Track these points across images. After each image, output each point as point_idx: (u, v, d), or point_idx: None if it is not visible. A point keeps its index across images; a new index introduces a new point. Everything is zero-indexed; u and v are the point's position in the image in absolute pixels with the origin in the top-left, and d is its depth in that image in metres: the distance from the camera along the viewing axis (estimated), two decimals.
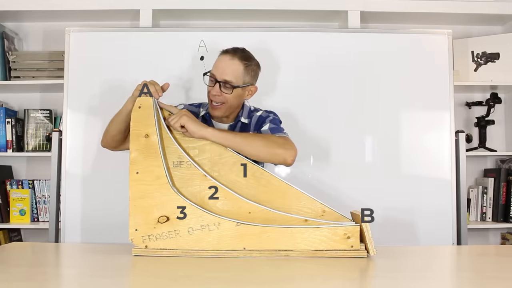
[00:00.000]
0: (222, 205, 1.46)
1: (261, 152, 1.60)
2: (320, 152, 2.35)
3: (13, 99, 2.79)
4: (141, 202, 1.42)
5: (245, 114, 1.83)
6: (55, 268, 1.36)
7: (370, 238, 1.37)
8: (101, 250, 1.54)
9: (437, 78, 2.39)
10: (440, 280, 1.20)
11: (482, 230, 2.85)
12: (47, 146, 2.65)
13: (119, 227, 1.62)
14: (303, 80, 2.37)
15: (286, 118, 1.89)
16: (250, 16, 2.68)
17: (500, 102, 2.75)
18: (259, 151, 1.60)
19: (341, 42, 2.40)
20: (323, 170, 2.34)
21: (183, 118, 1.51)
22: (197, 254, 1.39)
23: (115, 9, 2.58)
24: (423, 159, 2.36)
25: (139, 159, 1.44)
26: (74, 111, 2.33)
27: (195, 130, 1.52)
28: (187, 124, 1.51)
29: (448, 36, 2.41)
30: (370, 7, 2.60)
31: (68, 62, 2.34)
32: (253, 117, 1.83)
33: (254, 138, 1.62)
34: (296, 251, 1.39)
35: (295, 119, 2.32)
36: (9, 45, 2.67)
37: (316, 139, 2.34)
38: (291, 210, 1.53)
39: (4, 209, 2.61)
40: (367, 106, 2.37)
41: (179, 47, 2.36)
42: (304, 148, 2.33)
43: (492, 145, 2.79)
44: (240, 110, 1.83)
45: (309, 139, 2.34)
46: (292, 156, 1.63)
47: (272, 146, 1.62)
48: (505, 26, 2.87)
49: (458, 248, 1.92)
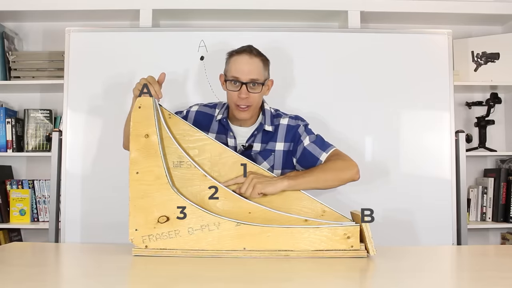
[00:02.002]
0: (222, 205, 1.46)
1: (333, 185, 1.68)
2: None
3: (13, 99, 2.79)
4: (141, 202, 1.42)
5: (268, 120, 1.79)
6: (55, 268, 1.36)
7: (370, 238, 1.37)
8: (101, 250, 1.54)
9: (437, 78, 2.39)
10: (440, 280, 1.20)
11: (482, 230, 2.85)
12: (47, 146, 2.65)
13: (119, 227, 1.62)
14: (301, 80, 2.37)
15: None
16: (250, 16, 2.68)
17: (500, 102, 2.75)
18: (331, 184, 1.67)
19: (341, 42, 2.40)
20: None
21: (258, 187, 1.51)
22: (197, 254, 1.39)
23: (115, 9, 2.58)
24: (423, 159, 2.36)
25: (139, 159, 1.44)
26: (74, 111, 2.33)
27: (273, 190, 1.53)
28: (264, 190, 1.51)
29: (448, 36, 2.41)
30: (370, 7, 2.60)
31: (68, 62, 2.34)
32: (279, 125, 1.80)
33: (322, 174, 1.64)
34: (296, 251, 1.38)
35: None
36: (9, 45, 2.67)
37: None
38: (291, 210, 1.53)
39: (4, 209, 2.61)
40: (367, 106, 2.37)
41: (179, 47, 2.36)
42: None
43: (492, 145, 2.80)
44: (262, 116, 1.80)
45: None
46: (357, 174, 1.70)
47: (339, 175, 1.67)
48: (505, 26, 2.87)
49: (458, 248, 1.92)
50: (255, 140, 1.78)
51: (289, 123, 1.80)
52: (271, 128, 1.78)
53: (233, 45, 1.79)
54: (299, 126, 1.80)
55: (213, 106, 1.86)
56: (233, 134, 1.78)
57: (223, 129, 1.80)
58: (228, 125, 1.79)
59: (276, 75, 1.86)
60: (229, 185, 1.53)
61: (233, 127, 1.80)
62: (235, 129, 1.79)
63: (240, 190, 1.52)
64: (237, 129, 1.80)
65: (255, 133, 1.78)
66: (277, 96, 2.34)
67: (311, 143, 1.75)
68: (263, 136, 1.78)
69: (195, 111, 1.85)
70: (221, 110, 1.82)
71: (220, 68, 1.81)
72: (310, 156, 1.73)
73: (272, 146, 1.78)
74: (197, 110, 1.85)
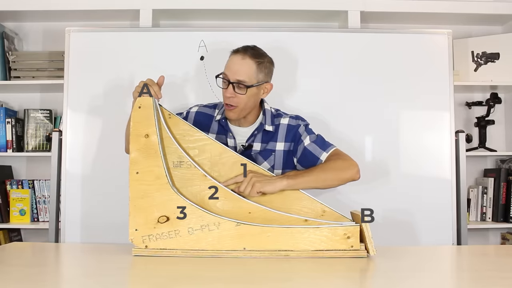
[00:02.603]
0: (222, 205, 1.46)
1: (333, 185, 1.68)
2: None
3: (13, 99, 2.79)
4: (141, 202, 1.42)
5: (268, 120, 1.78)
6: (55, 268, 1.36)
7: (370, 238, 1.37)
8: (101, 250, 1.54)
9: (437, 78, 2.38)
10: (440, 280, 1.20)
11: (482, 230, 2.84)
12: (47, 146, 2.65)
13: (119, 227, 1.62)
14: (301, 80, 2.37)
15: None
16: (250, 16, 2.68)
17: (500, 102, 2.75)
18: (331, 184, 1.67)
19: (341, 42, 2.40)
20: None
21: (257, 185, 1.51)
22: (197, 254, 1.39)
23: (115, 9, 2.58)
24: (423, 159, 2.36)
25: (139, 159, 1.44)
26: (74, 111, 2.33)
27: (272, 189, 1.53)
28: (263, 189, 1.52)
29: (448, 36, 2.41)
30: (370, 7, 2.60)
31: (68, 62, 2.34)
32: (279, 125, 1.79)
33: (321, 174, 1.64)
34: (296, 251, 1.38)
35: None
36: (9, 45, 2.67)
37: None
38: (291, 210, 1.53)
39: (4, 209, 2.61)
40: (367, 105, 2.37)
41: (179, 47, 2.36)
42: None
43: (492, 145, 2.79)
44: (263, 116, 1.79)
45: None
46: (358, 173, 1.69)
47: (339, 174, 1.66)
48: (505, 26, 2.87)
49: (458, 248, 1.92)
50: (255, 140, 1.78)
51: (289, 123, 1.80)
52: (272, 128, 1.78)
53: (233, 45, 1.78)
54: (299, 126, 1.79)
55: (212, 107, 1.86)
56: (232, 134, 1.78)
57: (222, 130, 1.80)
58: (227, 126, 1.79)
59: (277, 75, 1.85)
60: (228, 184, 1.53)
61: (232, 127, 1.79)
62: (234, 129, 1.79)
63: (239, 189, 1.52)
64: (236, 129, 1.79)
65: (255, 133, 1.78)
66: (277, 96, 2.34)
67: (311, 143, 1.75)
68: (263, 136, 1.78)
69: (195, 111, 1.85)
70: (220, 111, 1.82)
71: (220, 68, 1.81)
72: (310, 156, 1.73)
73: (272, 146, 1.78)
74: (197, 111, 1.85)
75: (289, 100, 2.34)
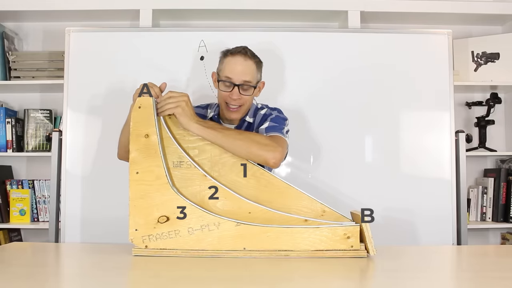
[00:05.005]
0: (222, 205, 1.46)
1: (241, 152, 1.52)
2: (320, 152, 2.35)
3: (13, 99, 2.79)
4: (141, 202, 1.42)
5: (250, 113, 1.81)
6: (55, 268, 1.36)
7: (370, 238, 1.37)
8: (101, 250, 1.54)
9: (437, 78, 2.39)
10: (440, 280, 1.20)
11: (482, 230, 2.85)
12: (47, 146, 2.65)
13: (119, 227, 1.62)
14: (302, 80, 2.37)
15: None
16: (250, 16, 2.68)
17: (500, 102, 2.75)
18: (239, 151, 1.51)
19: (341, 42, 2.40)
20: (323, 170, 2.34)
21: (177, 110, 1.46)
22: (197, 254, 1.39)
23: (115, 9, 2.58)
24: (423, 159, 2.36)
25: (139, 159, 1.43)
26: (74, 111, 2.33)
27: (183, 123, 1.48)
28: (177, 115, 1.46)
29: (448, 36, 2.41)
30: (370, 7, 2.60)
31: (68, 62, 2.34)
32: (257, 115, 1.81)
33: (236, 136, 1.53)
34: (296, 251, 1.38)
35: (294, 119, 2.30)
36: (9, 45, 2.67)
37: (316, 139, 2.34)
38: (291, 210, 1.53)
39: (4, 209, 2.61)
40: (367, 106, 2.37)
41: (179, 47, 2.36)
42: (304, 148, 2.33)
43: (492, 145, 2.80)
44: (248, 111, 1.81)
45: (309, 139, 2.34)
46: (274, 159, 1.55)
47: (251, 146, 1.52)
48: (505, 26, 2.87)
49: (458, 248, 1.91)
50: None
51: (265, 113, 1.80)
52: (252, 120, 1.80)
53: (233, 45, 1.79)
54: (270, 114, 1.79)
55: (205, 107, 1.88)
56: None
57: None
58: (219, 122, 1.80)
59: (277, 75, 1.86)
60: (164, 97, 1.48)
61: (224, 125, 1.80)
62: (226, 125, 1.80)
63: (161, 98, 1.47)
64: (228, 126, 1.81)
65: (239, 125, 1.80)
66: (277, 96, 2.35)
67: (263, 128, 1.70)
68: (245, 128, 1.80)
69: None
70: (213, 109, 1.84)
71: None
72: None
73: None
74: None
75: (290, 100, 2.34)
